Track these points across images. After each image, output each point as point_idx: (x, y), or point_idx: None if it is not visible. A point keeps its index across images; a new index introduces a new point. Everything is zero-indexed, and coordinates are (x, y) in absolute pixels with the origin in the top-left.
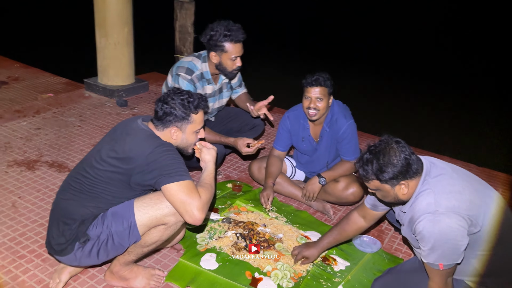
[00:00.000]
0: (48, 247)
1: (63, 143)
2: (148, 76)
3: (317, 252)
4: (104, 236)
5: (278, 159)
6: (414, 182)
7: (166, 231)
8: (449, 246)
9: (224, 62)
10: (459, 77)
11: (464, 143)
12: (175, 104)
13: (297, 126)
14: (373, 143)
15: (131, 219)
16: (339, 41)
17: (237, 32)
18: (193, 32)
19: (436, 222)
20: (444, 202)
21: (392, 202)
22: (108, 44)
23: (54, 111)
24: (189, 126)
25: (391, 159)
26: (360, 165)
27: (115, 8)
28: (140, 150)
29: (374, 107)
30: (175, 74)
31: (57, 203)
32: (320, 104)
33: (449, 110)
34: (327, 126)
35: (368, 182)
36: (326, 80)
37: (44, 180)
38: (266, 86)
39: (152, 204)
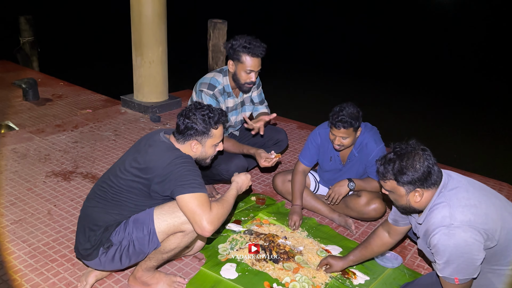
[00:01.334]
0: (76, 252)
1: (98, 155)
2: (181, 94)
3: (342, 264)
4: (126, 242)
5: (303, 175)
6: (430, 193)
7: (184, 238)
8: (464, 260)
9: (239, 72)
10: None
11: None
12: (196, 119)
13: (327, 144)
14: (399, 145)
15: (150, 226)
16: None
17: (257, 47)
18: (225, 51)
19: (451, 236)
20: (459, 216)
21: (403, 209)
22: (143, 63)
23: (91, 125)
24: (209, 140)
25: (414, 164)
26: (382, 163)
27: (150, 28)
28: (159, 161)
29: (399, 125)
30: (198, 90)
31: (84, 211)
32: (345, 141)
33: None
34: (356, 151)
35: (384, 181)
36: (352, 120)
37: (78, 190)
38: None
39: (171, 212)
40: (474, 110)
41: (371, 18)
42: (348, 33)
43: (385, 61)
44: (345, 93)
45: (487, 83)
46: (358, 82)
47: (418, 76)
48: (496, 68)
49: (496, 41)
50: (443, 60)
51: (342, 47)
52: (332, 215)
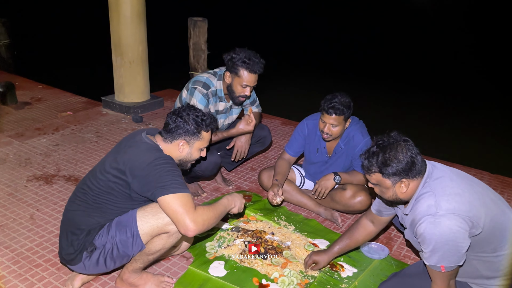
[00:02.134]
0: (60, 256)
1: (80, 158)
2: (163, 93)
3: (327, 257)
4: (109, 245)
5: (287, 162)
6: (415, 183)
7: (169, 239)
8: (449, 247)
9: (234, 85)
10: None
11: (476, 151)
12: (189, 118)
13: (314, 136)
14: (382, 138)
15: (134, 228)
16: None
17: (256, 64)
18: (206, 49)
19: (437, 224)
20: (444, 204)
21: (390, 201)
22: (123, 63)
23: (72, 128)
24: (197, 143)
25: (397, 155)
26: (366, 157)
27: (129, 27)
28: (138, 162)
29: (380, 117)
30: (191, 87)
31: (65, 214)
32: (335, 129)
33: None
34: (343, 143)
35: (370, 174)
36: (344, 108)
37: (61, 193)
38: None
39: (154, 213)
40: (455, 104)
41: (354, 15)
42: (330, 30)
43: (368, 57)
44: (328, 89)
45: (469, 77)
46: (341, 79)
47: (401, 70)
48: (478, 61)
49: (478, 35)
50: (426, 54)
51: (325, 44)
52: (318, 209)
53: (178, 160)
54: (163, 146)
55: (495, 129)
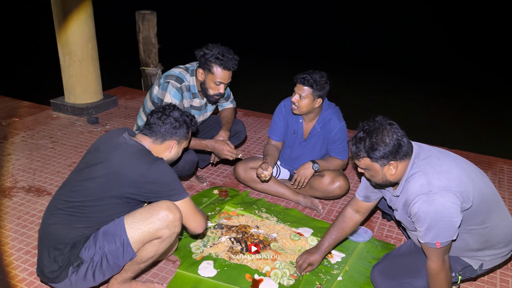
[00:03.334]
0: (41, 275)
1: (37, 166)
2: (115, 91)
3: (320, 257)
4: (98, 258)
5: (274, 146)
6: (403, 164)
7: (162, 245)
8: (444, 224)
9: (208, 83)
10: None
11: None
12: (180, 119)
13: (291, 116)
14: (367, 123)
15: (123, 236)
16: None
17: (230, 60)
18: (157, 43)
19: (431, 202)
20: (436, 182)
21: (380, 184)
22: (72, 62)
23: (22, 135)
24: (184, 142)
25: (384, 138)
26: (353, 143)
27: (76, 24)
28: (133, 167)
29: (368, 105)
30: (163, 82)
31: (44, 229)
32: (302, 102)
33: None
34: (319, 126)
35: (358, 160)
36: (314, 82)
37: (24, 206)
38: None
39: (143, 219)
40: (439, 88)
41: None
42: (291, 17)
43: (346, 46)
44: None
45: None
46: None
47: (385, 57)
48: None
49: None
50: (409, 40)
51: (288, 32)
52: (297, 197)
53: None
54: (151, 146)
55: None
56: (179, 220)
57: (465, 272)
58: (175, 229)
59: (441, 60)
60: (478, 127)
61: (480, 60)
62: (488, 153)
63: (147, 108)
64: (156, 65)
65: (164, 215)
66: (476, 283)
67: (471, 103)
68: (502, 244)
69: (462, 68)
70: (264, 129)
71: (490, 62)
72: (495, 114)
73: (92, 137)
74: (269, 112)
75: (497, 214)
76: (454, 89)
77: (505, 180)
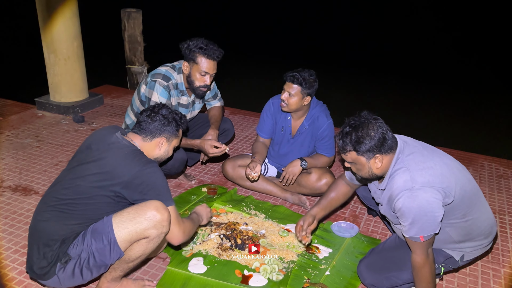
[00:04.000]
0: (30, 272)
1: (24, 165)
2: (101, 89)
3: (318, 209)
4: (85, 255)
5: (262, 144)
6: (388, 158)
7: (149, 245)
8: (427, 218)
9: (193, 74)
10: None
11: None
12: (169, 116)
13: (280, 114)
14: (353, 118)
15: (110, 235)
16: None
17: (213, 50)
18: (142, 41)
19: (414, 198)
20: (419, 178)
21: (366, 178)
22: (57, 60)
23: (7, 134)
24: (174, 140)
25: (369, 132)
26: (340, 137)
27: (61, 22)
28: (126, 168)
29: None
30: (150, 80)
31: (34, 226)
32: (291, 99)
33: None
34: (307, 123)
35: (345, 154)
36: (303, 80)
37: (11, 205)
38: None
39: (131, 218)
40: (424, 87)
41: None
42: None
43: (335, 46)
44: None
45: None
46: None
47: (371, 57)
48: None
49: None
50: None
51: (272, 33)
52: (285, 194)
53: (154, 159)
54: (141, 145)
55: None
56: (167, 220)
57: (447, 264)
58: (163, 229)
59: (427, 60)
60: (460, 125)
61: (468, 58)
62: (470, 150)
63: (135, 107)
64: (142, 63)
65: (152, 215)
66: (458, 275)
67: (455, 102)
68: (483, 236)
69: (446, 67)
70: (251, 127)
71: (478, 61)
72: (477, 113)
73: (78, 136)
74: (256, 110)
75: (478, 208)
76: (438, 88)
77: (485, 176)
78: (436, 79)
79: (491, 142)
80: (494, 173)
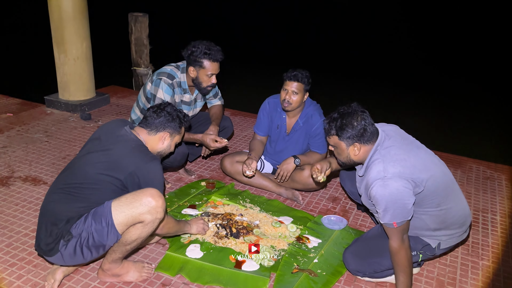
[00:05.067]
0: (38, 248)
1: (33, 158)
2: (108, 89)
3: (334, 160)
4: (85, 234)
5: (259, 141)
6: (366, 148)
7: (145, 229)
8: (398, 205)
9: (201, 77)
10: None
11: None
12: (174, 113)
13: (275, 112)
14: (343, 107)
15: (108, 218)
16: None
17: (217, 52)
18: (148, 44)
19: (386, 186)
20: (391, 169)
21: (344, 163)
22: (67, 60)
23: (18, 129)
24: (177, 136)
25: (353, 122)
26: (328, 122)
27: (72, 24)
28: (131, 160)
29: None
30: (156, 78)
31: (44, 206)
32: (295, 97)
33: None
34: (302, 121)
35: (329, 137)
36: (304, 77)
37: (21, 194)
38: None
39: (128, 203)
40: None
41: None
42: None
43: (324, 52)
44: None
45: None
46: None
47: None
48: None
49: None
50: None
51: (269, 39)
52: (279, 189)
53: (157, 153)
54: (146, 138)
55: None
56: (162, 207)
57: (425, 251)
58: (157, 215)
59: (415, 67)
60: (450, 129)
61: (447, 65)
62: (459, 153)
63: (141, 103)
64: (147, 66)
65: (147, 201)
66: (439, 266)
67: (444, 108)
68: (457, 225)
69: (429, 73)
70: (250, 127)
71: (459, 68)
72: (465, 118)
73: (85, 132)
74: (256, 112)
75: (452, 199)
76: (425, 95)
77: (472, 177)
78: (423, 85)
79: (479, 146)
80: (481, 175)
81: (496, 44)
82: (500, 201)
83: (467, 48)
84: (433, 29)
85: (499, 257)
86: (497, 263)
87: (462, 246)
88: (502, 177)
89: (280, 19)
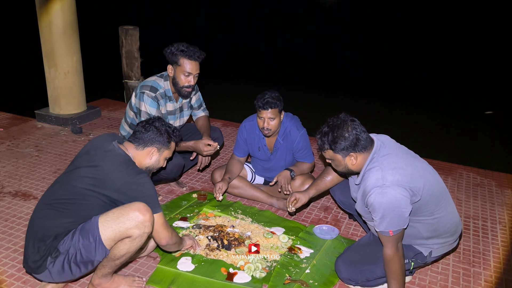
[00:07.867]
0: (25, 266)
1: (23, 173)
2: (99, 103)
3: (307, 196)
4: (73, 250)
5: (237, 162)
6: (363, 156)
7: (133, 244)
8: (395, 213)
9: (178, 76)
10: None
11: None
12: (162, 128)
13: (253, 136)
14: (332, 119)
15: (96, 234)
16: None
17: (194, 51)
18: (139, 57)
19: (384, 194)
20: (389, 177)
21: (343, 172)
22: (57, 74)
23: (8, 144)
24: (166, 152)
25: (344, 133)
26: (319, 137)
27: (62, 38)
28: (118, 176)
29: None
30: (139, 92)
31: (32, 222)
32: (273, 122)
33: None
34: (281, 139)
35: (324, 151)
36: (276, 101)
37: (11, 209)
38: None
39: (115, 218)
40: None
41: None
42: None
43: (305, 60)
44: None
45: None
46: (274, 82)
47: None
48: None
49: None
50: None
51: (260, 47)
52: (271, 200)
53: (145, 168)
54: (134, 153)
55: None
56: (149, 221)
57: (417, 259)
58: (145, 229)
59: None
60: (440, 136)
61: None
62: (449, 160)
63: (129, 118)
64: (139, 78)
65: (135, 216)
66: (430, 273)
67: (432, 115)
68: (449, 233)
69: (416, 81)
70: (233, 136)
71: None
72: (455, 125)
73: (76, 146)
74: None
75: (445, 207)
76: (413, 102)
77: (463, 184)
78: (411, 93)
79: (469, 153)
80: (471, 182)
81: (483, 51)
82: (490, 207)
83: (454, 55)
84: (420, 36)
85: (491, 263)
86: (488, 269)
87: (453, 253)
88: (492, 183)
89: (269, 30)
